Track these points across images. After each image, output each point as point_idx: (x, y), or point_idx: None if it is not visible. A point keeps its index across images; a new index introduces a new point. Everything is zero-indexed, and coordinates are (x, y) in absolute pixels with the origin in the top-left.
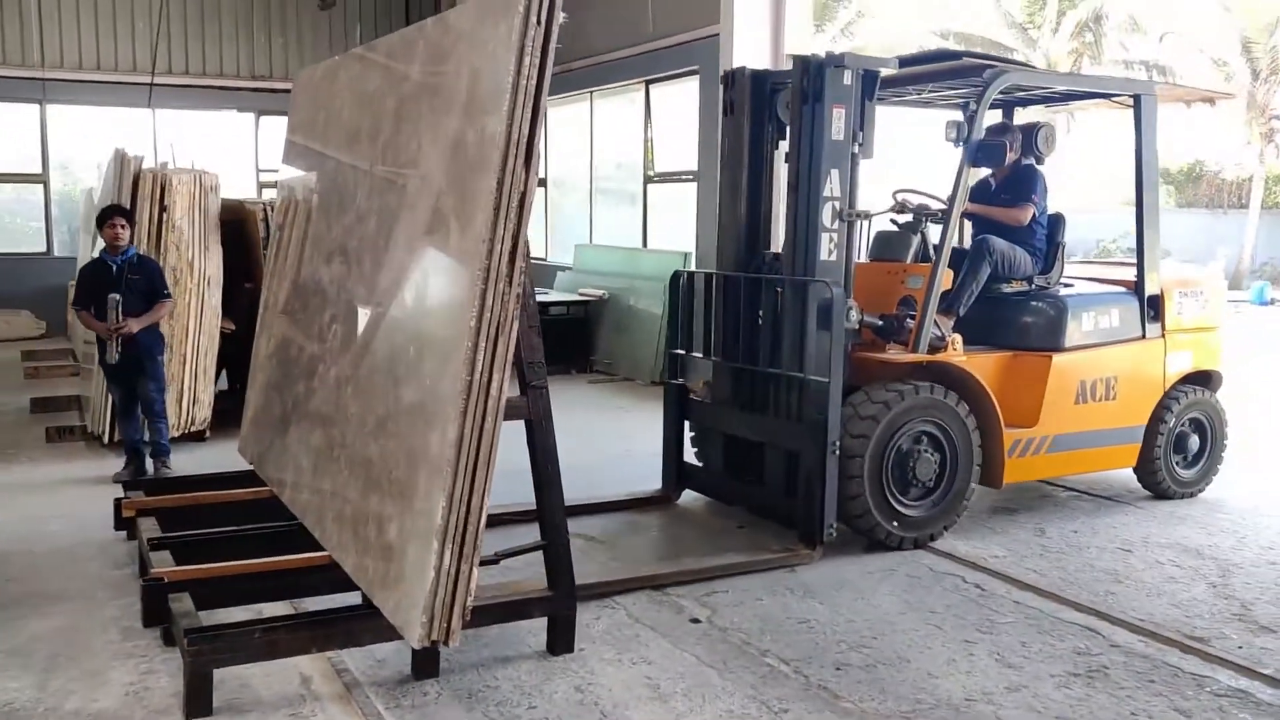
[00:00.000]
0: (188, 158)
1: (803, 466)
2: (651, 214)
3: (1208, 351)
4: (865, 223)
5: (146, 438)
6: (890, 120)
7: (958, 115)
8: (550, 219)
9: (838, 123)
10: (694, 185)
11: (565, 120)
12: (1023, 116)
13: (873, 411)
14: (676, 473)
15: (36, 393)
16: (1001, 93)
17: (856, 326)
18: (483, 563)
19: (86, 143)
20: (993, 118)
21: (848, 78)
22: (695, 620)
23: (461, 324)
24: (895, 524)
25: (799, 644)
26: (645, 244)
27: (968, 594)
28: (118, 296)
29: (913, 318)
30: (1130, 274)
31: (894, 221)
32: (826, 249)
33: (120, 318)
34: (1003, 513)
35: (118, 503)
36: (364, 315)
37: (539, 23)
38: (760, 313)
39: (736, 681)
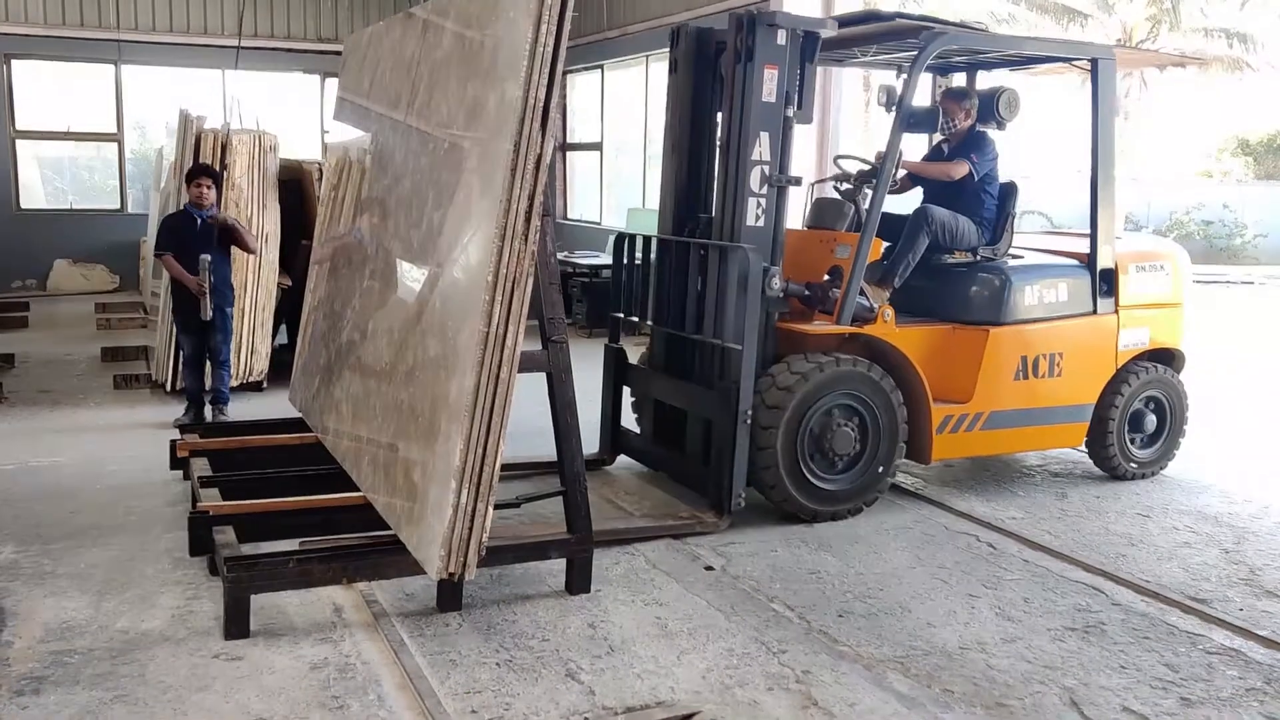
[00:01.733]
0: (253, 118)
1: (715, 434)
2: None
3: (1167, 329)
4: (809, 189)
5: (208, 386)
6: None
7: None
8: (606, 182)
9: (769, 84)
10: None
11: (620, 85)
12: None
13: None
14: (612, 437)
15: (107, 343)
16: (953, 57)
17: (780, 295)
18: (504, 505)
19: (160, 103)
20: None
21: (781, 37)
22: (709, 568)
23: (480, 279)
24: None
25: (806, 592)
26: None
27: (979, 552)
28: (209, 257)
29: (839, 287)
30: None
31: (836, 188)
32: (753, 214)
33: (211, 278)
34: (1027, 477)
35: (173, 444)
36: (397, 271)
37: None
38: (688, 278)
39: (741, 624)
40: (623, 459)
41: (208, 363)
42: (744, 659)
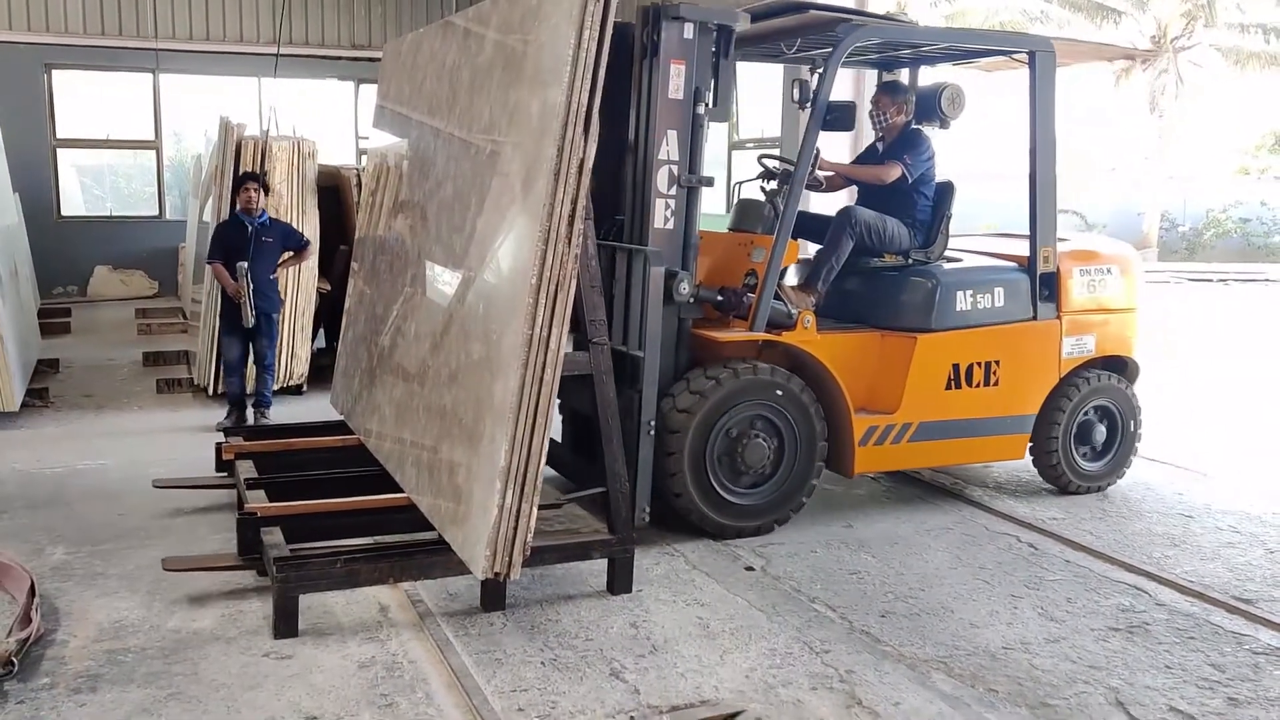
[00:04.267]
0: (289, 125)
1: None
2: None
3: (1117, 336)
4: (735, 189)
5: (249, 390)
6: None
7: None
8: None
9: (676, 79)
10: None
11: None
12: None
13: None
14: None
15: (148, 348)
16: (888, 52)
17: (690, 300)
18: (545, 506)
19: (195, 110)
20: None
21: (688, 30)
22: (749, 568)
23: (524, 282)
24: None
25: (847, 593)
26: (729, 210)
27: (1020, 553)
28: (245, 265)
29: (754, 292)
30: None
31: (762, 189)
32: (662, 216)
33: (250, 283)
34: None
35: (219, 447)
36: (440, 275)
37: None
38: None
39: (783, 624)
40: (548, 470)
41: (249, 367)
42: (787, 659)
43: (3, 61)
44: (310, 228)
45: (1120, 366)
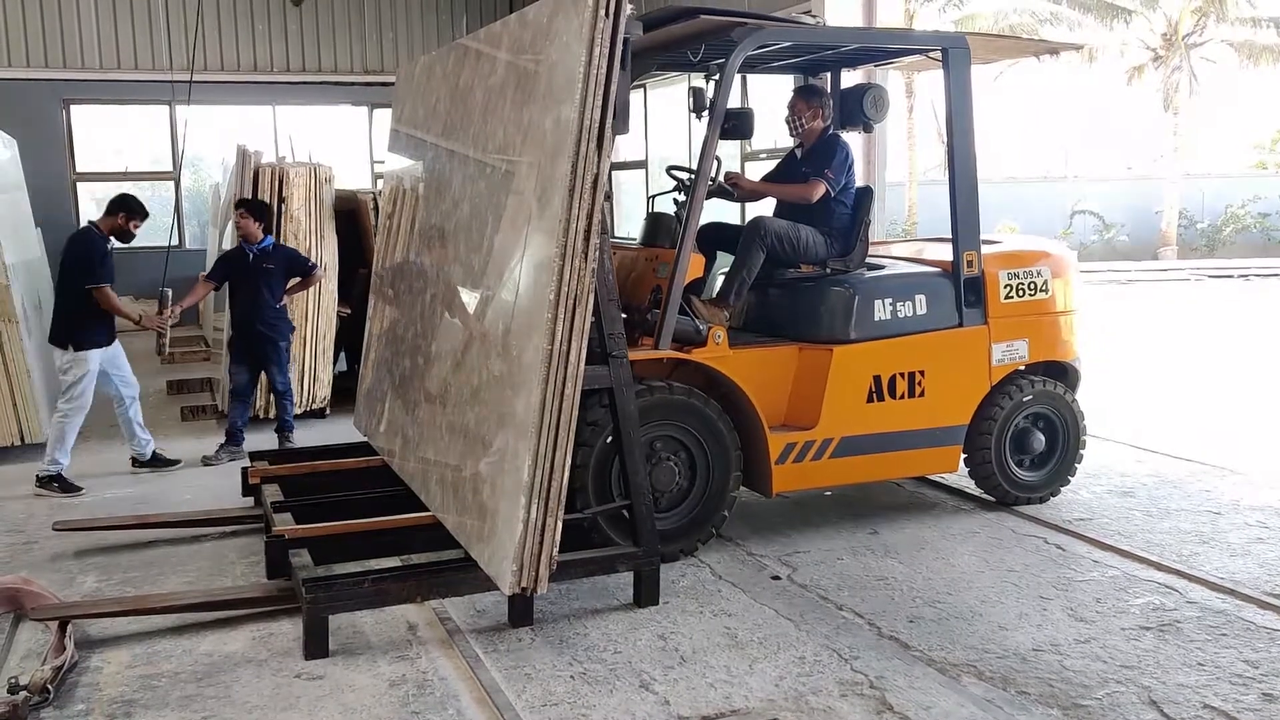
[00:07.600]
0: (305, 151)
1: None
2: None
3: (1052, 340)
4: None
5: (244, 421)
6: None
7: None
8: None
9: None
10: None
11: (665, 102)
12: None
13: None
14: None
15: (172, 376)
16: (803, 56)
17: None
18: (571, 519)
19: (212, 140)
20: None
21: None
22: (775, 577)
23: (542, 298)
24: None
25: (875, 599)
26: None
27: (1048, 554)
28: (168, 290)
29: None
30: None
31: (676, 201)
32: None
33: (170, 311)
34: (1092, 479)
35: (244, 471)
36: (459, 294)
37: (607, 15)
38: None
39: (811, 632)
40: None
41: (258, 398)
42: (816, 666)
43: (22, 98)
44: (329, 252)
45: (1060, 372)
